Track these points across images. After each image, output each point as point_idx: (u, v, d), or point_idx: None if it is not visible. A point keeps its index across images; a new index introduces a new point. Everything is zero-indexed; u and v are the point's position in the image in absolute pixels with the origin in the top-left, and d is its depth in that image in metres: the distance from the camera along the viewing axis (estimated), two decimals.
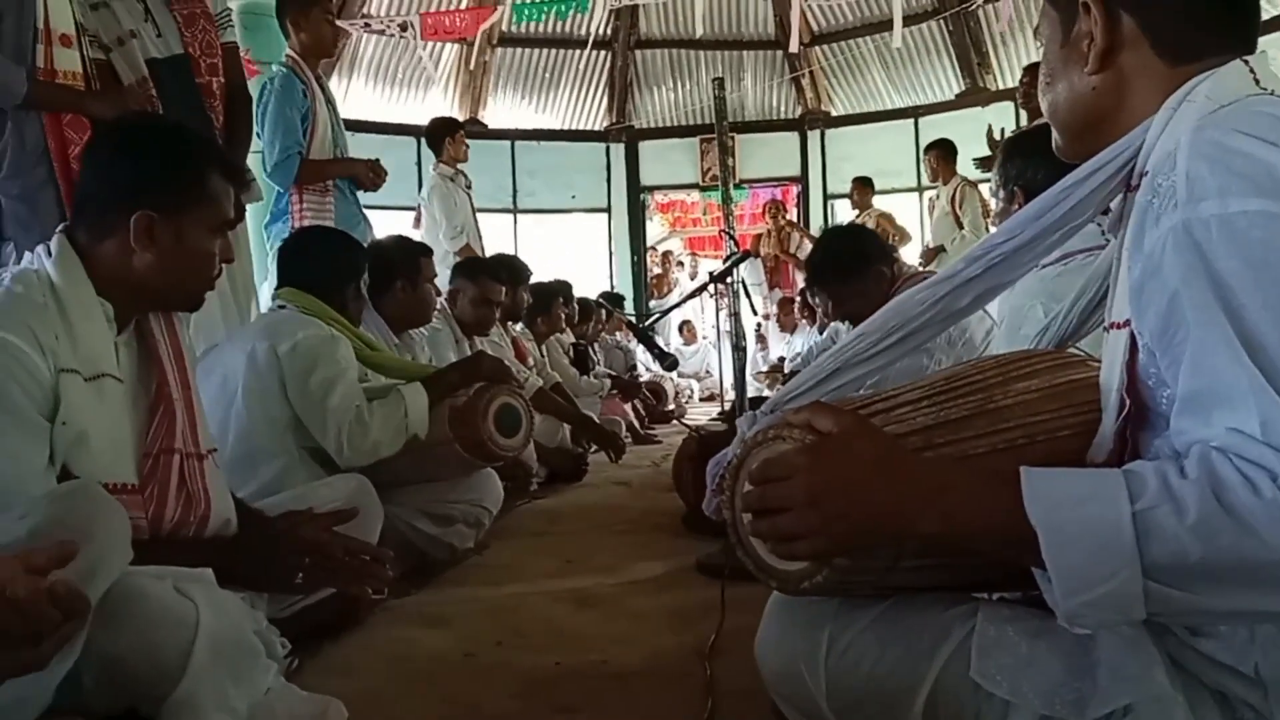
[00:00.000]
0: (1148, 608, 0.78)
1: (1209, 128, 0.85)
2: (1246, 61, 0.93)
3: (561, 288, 5.62)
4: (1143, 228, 0.88)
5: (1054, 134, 1.09)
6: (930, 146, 7.36)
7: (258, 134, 3.40)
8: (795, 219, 10.59)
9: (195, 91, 2.84)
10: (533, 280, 5.07)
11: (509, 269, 4.48)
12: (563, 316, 5.49)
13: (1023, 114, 5.83)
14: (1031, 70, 5.78)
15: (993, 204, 5.28)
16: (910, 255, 7.71)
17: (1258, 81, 0.92)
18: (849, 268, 2.85)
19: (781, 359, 7.31)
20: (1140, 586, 0.77)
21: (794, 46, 9.38)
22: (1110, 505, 0.78)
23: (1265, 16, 7.23)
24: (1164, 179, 0.86)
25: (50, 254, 1.44)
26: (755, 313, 7.01)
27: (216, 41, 2.95)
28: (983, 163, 5.83)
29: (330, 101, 3.84)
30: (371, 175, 3.80)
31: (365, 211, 3.96)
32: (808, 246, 9.29)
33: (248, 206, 2.88)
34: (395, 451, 2.33)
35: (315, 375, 2.26)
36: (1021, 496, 0.81)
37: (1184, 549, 0.75)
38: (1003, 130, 5.86)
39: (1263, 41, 0.99)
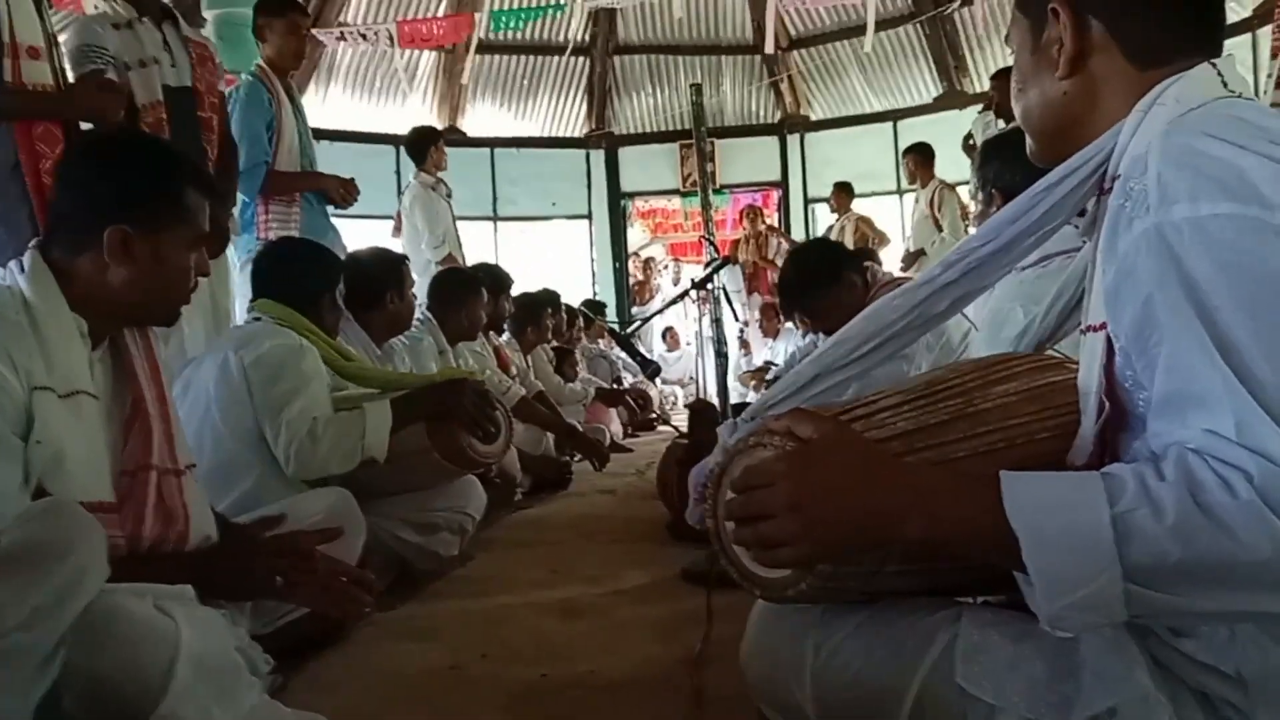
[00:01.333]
0: (1129, 609, 0.79)
1: (1177, 132, 0.86)
2: (1214, 64, 0.94)
3: (550, 298, 5.62)
4: (1116, 231, 0.88)
5: (1027, 139, 1.10)
6: (908, 150, 7.40)
7: None
8: (776, 224, 10.62)
9: (197, 124, 3.05)
10: (519, 290, 5.08)
11: (491, 278, 4.48)
12: (550, 327, 5.49)
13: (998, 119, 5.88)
14: (1000, 76, 5.82)
15: (971, 206, 5.32)
16: (891, 258, 7.75)
17: (1225, 84, 0.93)
18: (819, 281, 2.84)
19: (766, 363, 7.31)
20: (1121, 589, 0.77)
21: (769, 48, 9.43)
22: (1089, 509, 0.79)
23: (1230, 20, 7.34)
24: (1136, 183, 0.87)
25: (23, 269, 1.42)
26: (737, 319, 7.01)
27: (217, 85, 3.22)
28: (968, 150, 5.86)
29: (299, 112, 3.84)
30: (342, 192, 3.80)
31: (337, 221, 3.96)
32: (784, 251, 9.32)
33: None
34: (347, 471, 2.26)
35: (278, 385, 2.23)
36: (1002, 501, 0.82)
37: (1163, 550, 0.76)
38: (969, 136, 5.90)
39: (1228, 44, 1.00)
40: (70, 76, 2.78)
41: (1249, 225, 0.79)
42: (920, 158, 7.14)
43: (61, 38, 2.72)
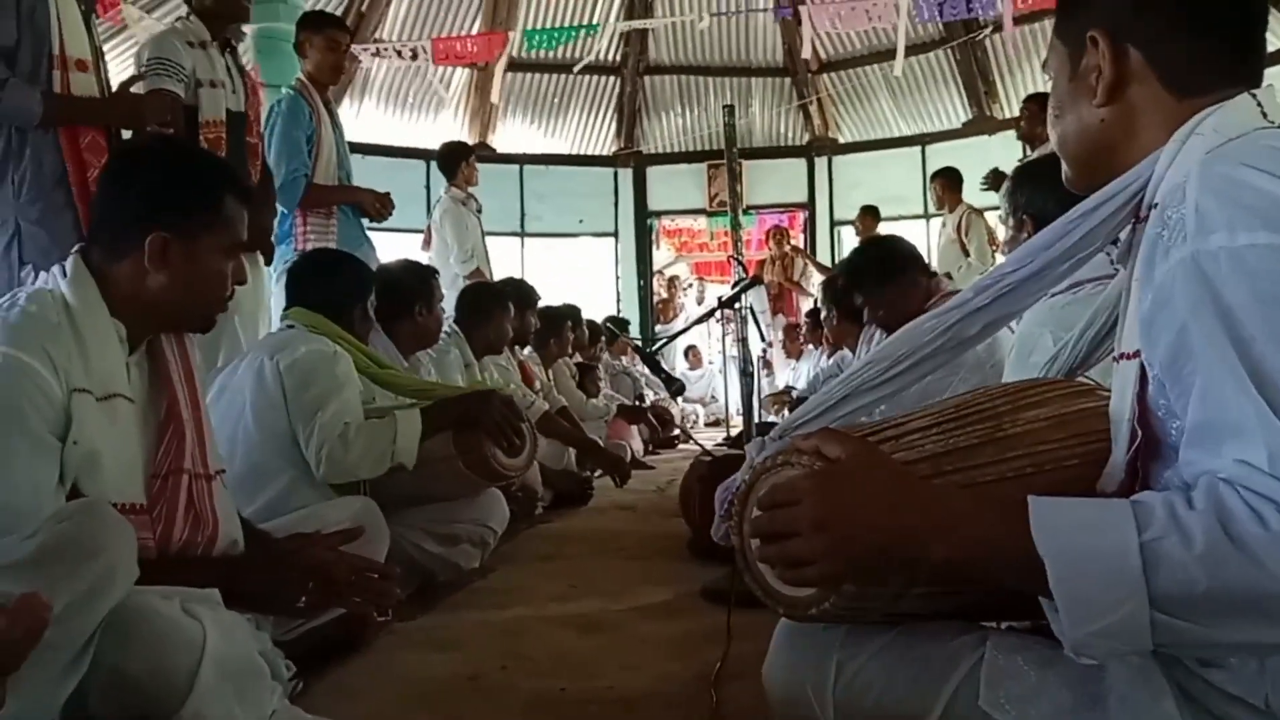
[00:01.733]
0: (1155, 639, 0.78)
1: (1217, 162, 0.86)
2: (1254, 95, 0.94)
3: (571, 312, 5.64)
4: (1153, 260, 0.88)
5: (1063, 165, 1.10)
6: (936, 174, 7.38)
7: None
8: (802, 245, 10.61)
9: (244, 148, 3.22)
10: (542, 304, 5.11)
11: (518, 293, 4.51)
12: (571, 340, 5.51)
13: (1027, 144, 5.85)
14: (1031, 101, 5.80)
15: (1000, 232, 5.30)
16: None
17: (1265, 115, 0.93)
18: (886, 271, 2.94)
19: (788, 387, 7.29)
20: (1147, 617, 0.77)
21: (811, 65, 9.43)
22: (1117, 535, 0.78)
23: (1270, 49, 7.27)
24: (1173, 212, 0.87)
25: (65, 274, 1.45)
26: (763, 339, 6.99)
27: (262, 116, 3.46)
28: (992, 179, 5.85)
29: (337, 126, 3.90)
30: (378, 206, 3.87)
31: (370, 234, 4.01)
32: (813, 273, 9.30)
33: None
34: (376, 475, 2.30)
35: (312, 389, 2.26)
36: (1029, 525, 0.81)
37: (1191, 579, 0.75)
38: (997, 171, 5.89)
39: (1268, 74, 0.99)
40: (141, 85, 2.95)
41: None
42: (948, 182, 7.12)
43: (106, 45, 2.83)
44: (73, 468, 1.34)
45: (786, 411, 5.18)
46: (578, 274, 11.27)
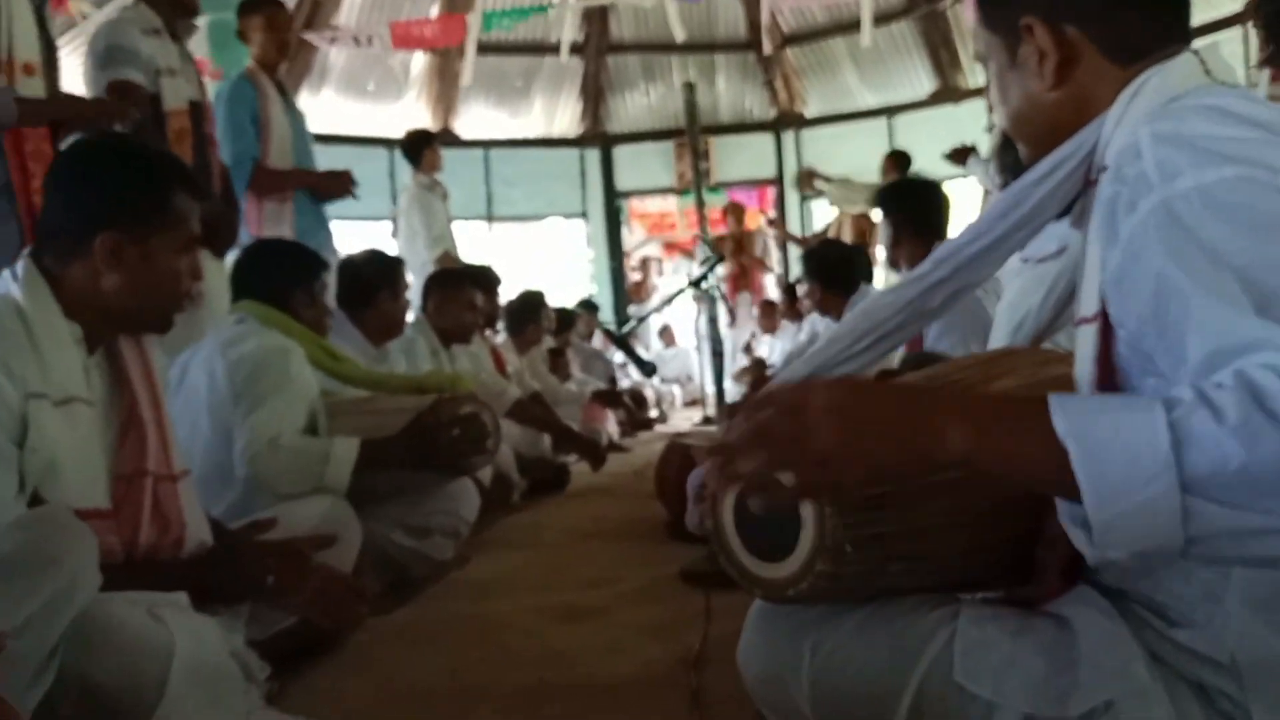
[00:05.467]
0: (1187, 529, 0.72)
1: (1163, 119, 0.87)
2: (1196, 53, 0.96)
3: (541, 296, 5.61)
4: (1114, 218, 0.88)
5: (1020, 147, 1.10)
6: (887, 157, 7.42)
7: None
8: (777, 218, 10.58)
9: (204, 139, 3.13)
10: (517, 289, 5.09)
11: (481, 277, 4.48)
12: (546, 325, 5.50)
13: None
14: None
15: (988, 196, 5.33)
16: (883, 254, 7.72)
17: (1208, 72, 0.94)
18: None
19: (759, 359, 7.31)
20: (1178, 500, 0.71)
21: (767, 48, 9.42)
22: (1144, 412, 0.74)
23: (1222, 14, 7.34)
24: (1130, 169, 0.86)
25: (16, 278, 1.42)
26: (733, 319, 7.00)
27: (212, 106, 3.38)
28: (954, 155, 5.87)
29: (292, 110, 3.83)
30: (336, 187, 3.79)
31: (334, 223, 3.95)
32: (773, 248, 9.26)
33: None
34: (296, 492, 2.17)
35: (255, 385, 2.20)
36: (1049, 413, 0.77)
37: (1225, 454, 0.70)
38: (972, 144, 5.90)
39: (1220, 37, 1.01)
40: (95, 75, 2.88)
41: (1256, 185, 0.79)
42: (894, 163, 7.15)
43: (62, 39, 2.75)
44: (32, 474, 1.32)
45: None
46: (548, 257, 11.22)
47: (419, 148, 5.68)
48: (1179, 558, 0.75)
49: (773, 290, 9.23)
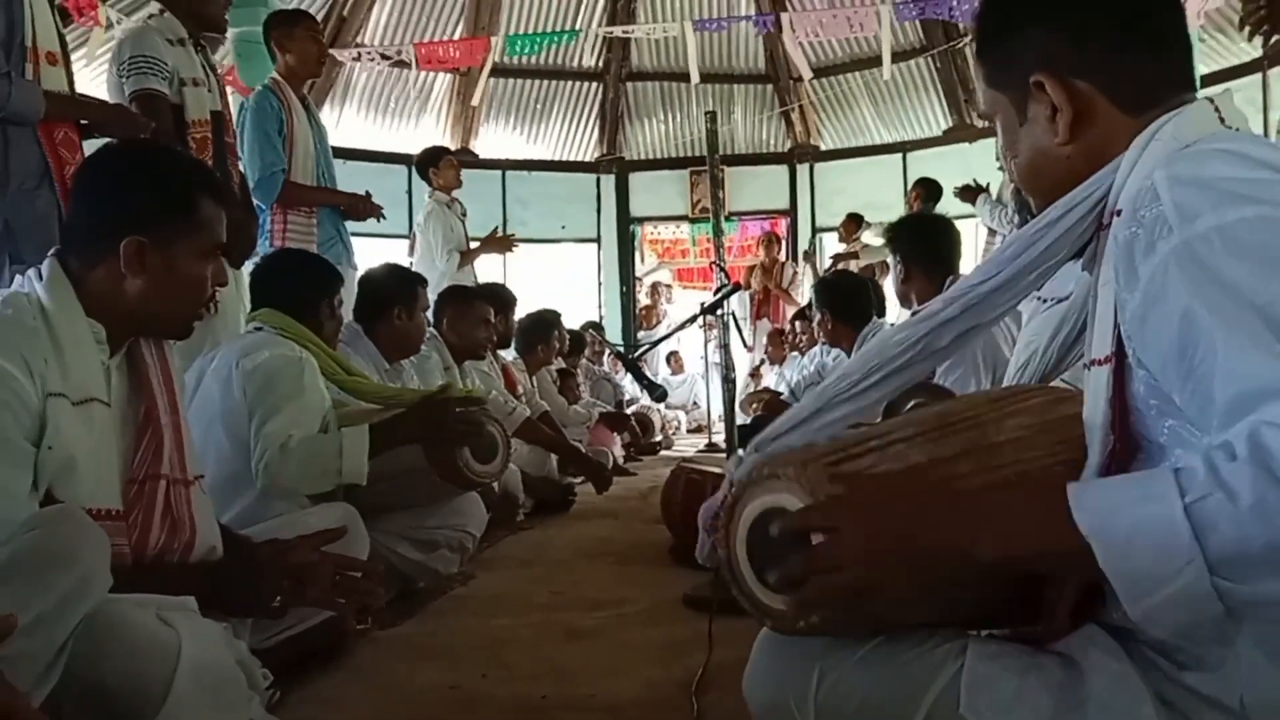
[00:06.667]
0: (1225, 602, 0.74)
1: (1180, 163, 0.88)
2: (1212, 100, 0.97)
3: (555, 318, 5.64)
4: (1132, 261, 0.88)
5: (1032, 200, 1.11)
6: (917, 182, 7.41)
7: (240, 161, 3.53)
8: (785, 251, 10.62)
9: (224, 148, 3.15)
10: (528, 310, 5.09)
11: (495, 296, 4.50)
12: (556, 348, 5.50)
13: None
14: None
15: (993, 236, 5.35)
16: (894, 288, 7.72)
17: (1222, 120, 0.95)
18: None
19: (765, 388, 7.30)
20: (1208, 583, 0.73)
21: (805, 74, 9.47)
22: (1160, 502, 0.75)
23: (1240, 60, 7.38)
24: (1147, 211, 0.87)
25: (41, 278, 1.44)
26: (747, 346, 6.99)
27: (234, 117, 3.43)
28: (963, 192, 5.89)
29: (317, 126, 3.87)
30: (359, 206, 3.84)
31: (351, 238, 3.98)
32: (801, 281, 9.32)
33: None
34: (319, 491, 2.19)
35: (269, 395, 2.20)
36: (1069, 510, 0.79)
37: (1245, 535, 0.71)
38: (985, 184, 5.91)
39: (1237, 84, 1.03)
40: (120, 81, 2.90)
41: (1276, 223, 0.80)
42: (924, 192, 7.15)
43: (75, 42, 2.80)
44: (47, 473, 1.32)
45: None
46: (560, 280, 11.24)
47: (423, 168, 5.76)
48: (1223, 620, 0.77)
49: None
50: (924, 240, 3.00)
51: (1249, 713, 0.88)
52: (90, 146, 2.46)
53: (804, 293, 9.13)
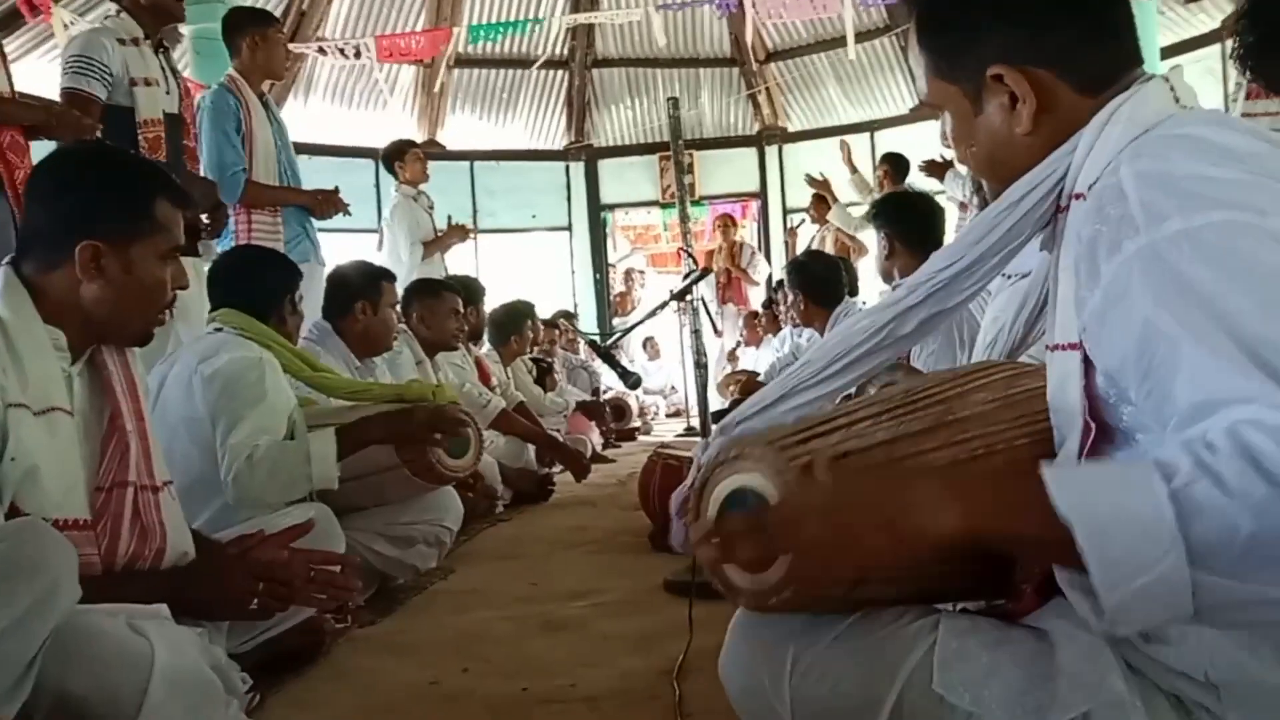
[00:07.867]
0: (1197, 601, 0.73)
1: (1144, 158, 0.88)
2: (1166, 79, 0.98)
3: (528, 307, 5.62)
4: (1095, 259, 0.88)
5: (989, 187, 1.11)
6: (884, 158, 7.43)
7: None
8: (756, 234, 10.63)
9: (181, 152, 3.15)
10: (500, 301, 5.07)
11: (465, 288, 4.47)
12: (530, 338, 5.49)
13: None
14: None
15: (964, 211, 5.38)
16: (868, 268, 7.76)
17: (1177, 99, 0.96)
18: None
19: (742, 370, 7.31)
20: (1186, 574, 0.72)
21: (756, 60, 9.45)
22: (1144, 487, 0.74)
23: (1201, 30, 7.45)
24: (1114, 209, 0.87)
25: None
26: (716, 331, 7.00)
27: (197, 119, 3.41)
28: (929, 166, 5.92)
29: (277, 124, 3.82)
30: (323, 203, 3.80)
31: (318, 235, 3.94)
32: (760, 263, 9.32)
33: None
34: (290, 500, 2.14)
35: (231, 402, 2.14)
36: (1046, 490, 0.77)
37: (1231, 524, 0.70)
38: (950, 158, 5.93)
39: (1200, 54, 1.03)
40: (60, 80, 2.88)
41: (1244, 229, 0.80)
42: (892, 169, 7.16)
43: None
44: (10, 485, 1.31)
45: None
46: (533, 269, 11.19)
47: (392, 159, 5.71)
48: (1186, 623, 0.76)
49: (758, 303, 9.27)
50: (909, 217, 3.02)
51: (1217, 685, 0.89)
52: (39, 149, 2.42)
53: (759, 274, 9.15)
